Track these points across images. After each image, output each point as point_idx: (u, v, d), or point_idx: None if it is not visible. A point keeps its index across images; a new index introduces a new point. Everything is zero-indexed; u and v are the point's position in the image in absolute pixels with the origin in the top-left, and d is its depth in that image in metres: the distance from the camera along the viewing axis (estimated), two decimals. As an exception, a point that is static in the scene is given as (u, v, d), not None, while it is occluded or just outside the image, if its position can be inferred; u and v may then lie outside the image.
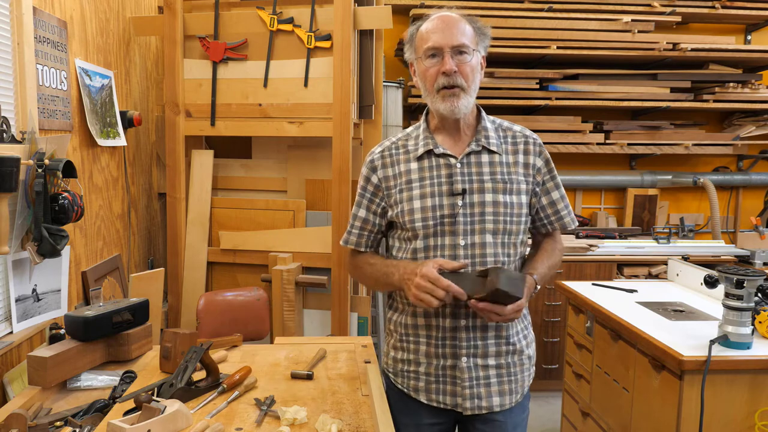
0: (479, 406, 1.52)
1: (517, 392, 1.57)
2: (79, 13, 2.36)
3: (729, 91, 4.14)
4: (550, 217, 1.58)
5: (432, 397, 1.55)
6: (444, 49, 1.44)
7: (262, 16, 2.86)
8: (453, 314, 1.49)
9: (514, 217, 1.49)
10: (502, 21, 3.98)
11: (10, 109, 1.86)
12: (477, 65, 1.49)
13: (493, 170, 1.50)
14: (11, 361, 1.86)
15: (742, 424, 1.90)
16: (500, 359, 1.53)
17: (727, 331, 1.92)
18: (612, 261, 3.81)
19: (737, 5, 4.18)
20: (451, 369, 1.51)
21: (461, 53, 1.45)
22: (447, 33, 1.44)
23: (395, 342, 1.61)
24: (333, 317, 2.87)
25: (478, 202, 1.47)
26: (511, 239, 1.50)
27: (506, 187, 1.49)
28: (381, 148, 1.60)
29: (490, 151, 1.52)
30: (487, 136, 1.53)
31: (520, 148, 1.55)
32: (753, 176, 4.52)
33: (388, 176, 1.56)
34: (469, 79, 1.46)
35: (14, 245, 1.78)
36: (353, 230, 1.62)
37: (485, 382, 1.52)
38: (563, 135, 4.14)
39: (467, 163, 1.50)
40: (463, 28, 1.46)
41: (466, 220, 1.47)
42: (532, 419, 3.51)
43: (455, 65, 1.44)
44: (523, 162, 1.53)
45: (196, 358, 1.54)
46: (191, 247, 3.00)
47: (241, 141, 3.20)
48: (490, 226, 1.47)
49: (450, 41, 1.44)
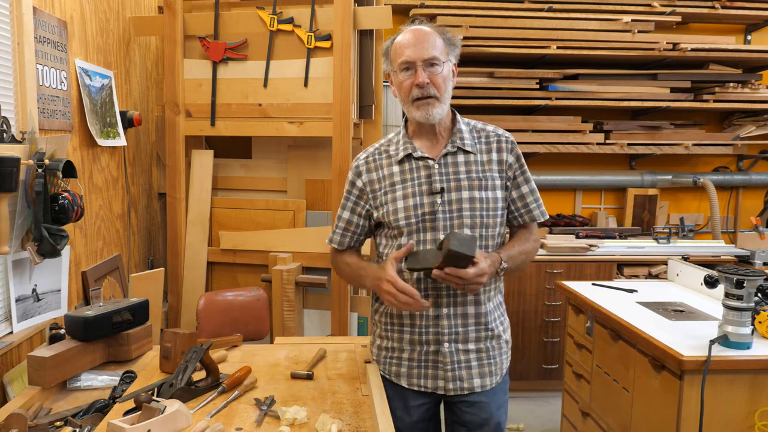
0: (461, 387, 1.63)
1: (496, 374, 1.68)
2: (79, 13, 2.36)
3: (729, 91, 4.14)
4: (520, 210, 1.68)
5: (413, 381, 1.66)
6: (416, 62, 1.55)
7: (262, 16, 2.86)
8: (435, 303, 1.61)
9: (490, 211, 1.61)
10: (502, 21, 3.98)
11: (10, 109, 1.86)
12: (448, 74, 1.60)
13: (469, 169, 1.62)
14: (11, 361, 1.86)
15: (742, 424, 1.90)
16: (480, 344, 1.64)
17: (727, 331, 1.92)
18: (612, 261, 3.81)
19: (737, 5, 4.17)
20: (434, 354, 1.63)
21: (432, 65, 1.56)
22: (419, 47, 1.55)
23: (380, 332, 1.72)
24: (333, 317, 2.87)
25: (456, 199, 1.59)
26: (488, 232, 1.62)
27: (481, 183, 1.61)
28: (365, 155, 1.72)
29: (465, 152, 1.63)
30: (462, 138, 1.64)
31: (494, 146, 1.65)
32: (753, 176, 4.52)
33: (373, 180, 1.67)
34: (441, 88, 1.57)
35: (14, 245, 1.78)
36: (337, 230, 1.75)
37: (466, 365, 1.63)
38: (563, 135, 4.13)
39: (444, 163, 1.62)
40: (434, 41, 1.57)
41: (445, 216, 1.59)
42: (533, 419, 3.53)
43: (427, 77, 1.55)
44: (497, 159, 1.64)
45: (196, 358, 1.54)
46: (191, 247, 3.00)
47: (241, 141, 3.20)
48: (467, 221, 1.59)
49: (421, 55, 1.55)
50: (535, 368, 3.87)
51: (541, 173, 4.30)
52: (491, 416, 1.66)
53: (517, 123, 4.12)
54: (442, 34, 1.60)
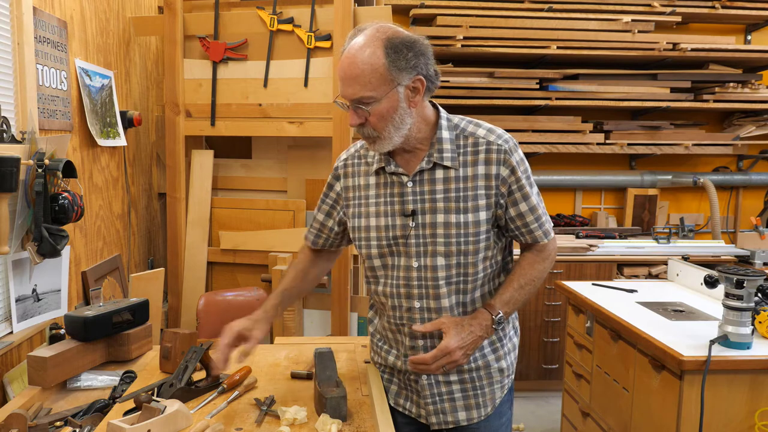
0: (445, 421, 1.51)
1: (486, 405, 1.51)
2: (79, 13, 2.36)
3: (729, 91, 4.14)
4: (521, 229, 1.46)
5: (400, 402, 1.57)
6: (347, 102, 1.35)
7: (262, 16, 2.86)
8: (410, 334, 1.47)
9: (469, 237, 1.40)
10: (502, 21, 3.98)
11: (10, 109, 1.86)
12: (390, 107, 1.33)
13: (447, 187, 1.41)
14: (11, 361, 1.86)
15: (742, 424, 1.90)
16: (463, 375, 1.49)
17: (727, 331, 1.92)
18: (612, 261, 3.81)
19: (737, 5, 4.18)
20: (414, 383, 1.52)
21: (364, 104, 1.33)
22: (346, 84, 1.33)
23: (373, 345, 1.65)
24: (333, 317, 2.87)
25: (430, 223, 1.41)
26: (468, 259, 1.41)
27: (459, 206, 1.40)
28: (346, 155, 1.57)
29: (444, 167, 1.41)
30: (441, 150, 1.41)
31: (481, 158, 1.40)
32: (753, 176, 4.52)
33: (348, 187, 1.53)
34: (378, 126, 1.35)
35: (14, 245, 1.78)
36: (312, 230, 1.65)
37: (449, 397, 1.50)
38: (563, 135, 4.13)
39: (419, 181, 1.42)
40: (365, 76, 1.30)
41: (417, 241, 1.42)
42: (533, 419, 3.52)
43: (359, 118, 1.35)
44: (484, 173, 1.40)
45: (196, 358, 1.54)
46: (191, 247, 3.00)
47: (241, 141, 3.20)
48: (441, 248, 1.40)
49: (349, 95, 1.33)
50: (535, 368, 3.87)
51: (541, 173, 4.31)
52: None
53: (517, 123, 4.12)
54: (387, 55, 1.29)
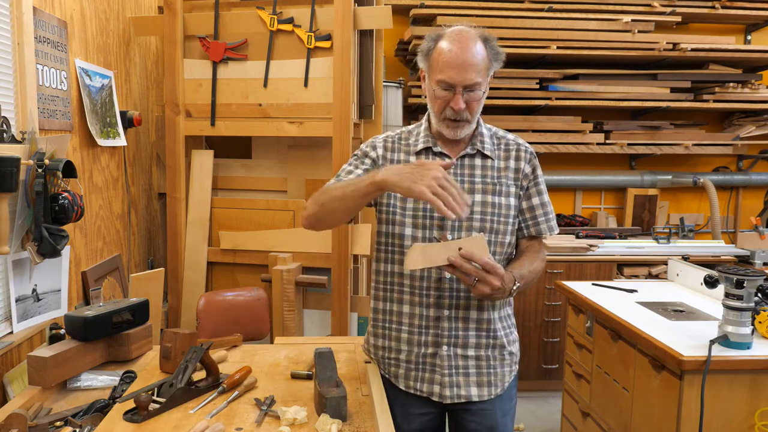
0: (458, 395, 1.58)
1: (497, 385, 1.61)
2: (79, 13, 2.36)
3: (729, 91, 4.14)
4: (528, 221, 1.62)
5: (410, 383, 1.61)
6: (457, 87, 1.47)
7: (262, 16, 2.86)
8: (437, 304, 1.56)
9: (501, 217, 1.56)
10: (502, 21, 3.98)
11: (10, 109, 1.86)
12: (484, 93, 1.53)
13: (485, 173, 1.58)
14: (11, 361, 1.86)
15: (742, 424, 1.90)
16: (480, 351, 1.59)
17: (727, 331, 1.92)
18: (612, 261, 3.81)
19: (737, 5, 4.18)
20: (431, 357, 1.58)
21: (473, 90, 1.48)
22: (462, 71, 1.45)
23: (377, 329, 1.67)
24: (333, 317, 2.87)
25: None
26: (498, 238, 1.56)
27: (495, 189, 1.57)
28: (384, 136, 1.67)
29: (484, 156, 1.59)
30: (483, 142, 1.60)
31: (512, 154, 1.61)
32: (753, 176, 4.52)
33: (387, 158, 1.62)
34: (474, 111, 1.52)
35: (14, 245, 1.78)
36: (341, 178, 1.58)
37: (464, 371, 1.58)
38: (563, 135, 4.14)
39: (461, 164, 1.58)
40: (478, 62, 1.47)
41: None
42: (533, 419, 3.53)
43: (464, 102, 1.48)
44: (514, 167, 1.60)
45: (196, 358, 1.54)
46: (191, 247, 3.00)
47: (241, 141, 3.20)
48: (477, 224, 1.54)
49: (463, 80, 1.46)
50: (535, 368, 3.87)
51: (541, 173, 4.30)
52: (497, 424, 1.61)
53: (517, 123, 4.12)
54: (489, 47, 1.50)
